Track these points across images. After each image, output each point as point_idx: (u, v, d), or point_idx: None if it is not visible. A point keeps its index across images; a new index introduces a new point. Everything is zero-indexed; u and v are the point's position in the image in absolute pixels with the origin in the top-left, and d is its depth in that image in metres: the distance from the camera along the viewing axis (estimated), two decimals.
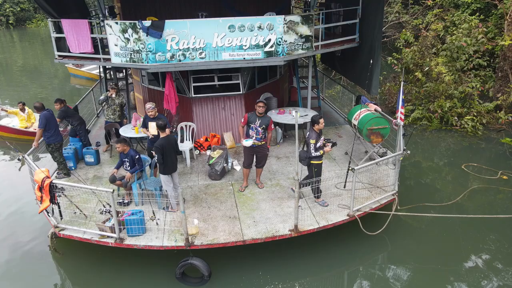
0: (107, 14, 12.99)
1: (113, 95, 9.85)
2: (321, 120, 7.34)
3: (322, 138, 7.47)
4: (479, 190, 9.60)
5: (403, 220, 8.49)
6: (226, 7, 10.92)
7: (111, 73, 13.01)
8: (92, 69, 21.28)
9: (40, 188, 6.75)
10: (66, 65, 22.41)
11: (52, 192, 6.69)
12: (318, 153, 7.32)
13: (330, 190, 7.97)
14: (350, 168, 7.38)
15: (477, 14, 15.28)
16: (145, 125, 8.62)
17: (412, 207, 8.54)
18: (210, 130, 10.49)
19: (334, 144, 7.56)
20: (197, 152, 9.99)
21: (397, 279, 7.03)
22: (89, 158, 9.43)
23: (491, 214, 8.55)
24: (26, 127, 13.49)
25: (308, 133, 7.46)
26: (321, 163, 7.55)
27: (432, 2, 17.55)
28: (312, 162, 7.45)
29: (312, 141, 7.26)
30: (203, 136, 10.34)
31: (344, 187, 8.06)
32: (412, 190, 9.69)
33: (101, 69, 11.67)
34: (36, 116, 14.02)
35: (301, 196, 7.50)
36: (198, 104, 10.30)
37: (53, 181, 6.72)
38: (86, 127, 10.22)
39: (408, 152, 7.90)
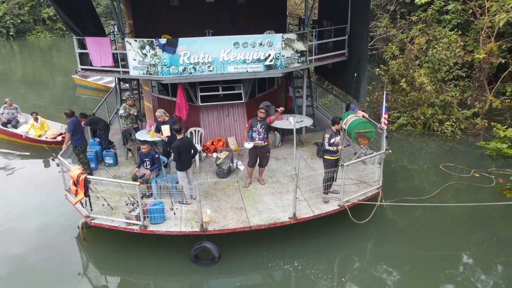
0: (116, 30, 14.16)
1: (133, 106, 10.98)
2: (340, 122, 8.62)
3: (338, 137, 8.63)
4: (453, 186, 10.87)
5: (387, 213, 9.70)
6: (229, 20, 12.15)
7: (119, 84, 14.14)
8: (98, 79, 22.30)
9: (75, 183, 7.86)
10: (72, 75, 23.62)
11: (87, 186, 7.79)
12: (331, 148, 8.46)
13: (321, 184, 9.08)
14: (340, 165, 8.61)
15: (456, 29, 16.61)
16: (158, 130, 9.73)
17: (395, 200, 9.74)
18: (215, 135, 11.65)
19: (347, 145, 8.77)
20: (204, 154, 11.13)
21: (382, 262, 8.20)
22: (109, 160, 10.56)
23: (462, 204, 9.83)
24: (39, 136, 14.30)
25: (326, 130, 8.66)
26: (333, 159, 8.63)
27: (416, 18, 18.90)
28: (325, 156, 8.64)
29: (326, 135, 8.46)
30: (209, 140, 11.50)
31: (335, 181, 9.23)
32: (396, 187, 10.91)
33: (116, 80, 12.76)
34: (49, 123, 15.10)
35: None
36: (204, 111, 11.47)
37: (87, 177, 7.84)
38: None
39: (390, 151, 9.14)
